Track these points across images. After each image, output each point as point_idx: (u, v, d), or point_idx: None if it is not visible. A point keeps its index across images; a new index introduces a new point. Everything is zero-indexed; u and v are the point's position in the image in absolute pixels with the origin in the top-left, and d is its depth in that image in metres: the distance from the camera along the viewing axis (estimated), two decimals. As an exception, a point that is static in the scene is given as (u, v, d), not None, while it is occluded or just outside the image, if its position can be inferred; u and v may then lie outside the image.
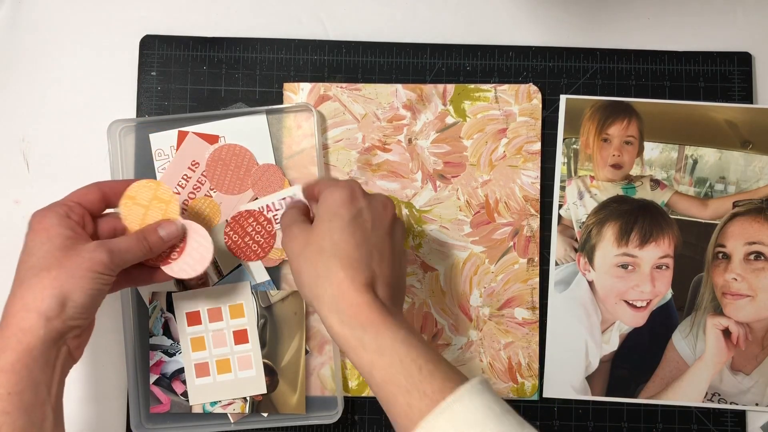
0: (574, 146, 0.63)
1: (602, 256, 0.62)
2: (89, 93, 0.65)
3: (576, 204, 0.63)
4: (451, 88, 0.63)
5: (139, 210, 0.54)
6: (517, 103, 0.63)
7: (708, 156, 0.63)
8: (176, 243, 0.54)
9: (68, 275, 0.47)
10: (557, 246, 0.62)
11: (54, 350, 0.47)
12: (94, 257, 0.48)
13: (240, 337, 0.61)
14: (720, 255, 0.62)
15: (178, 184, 0.62)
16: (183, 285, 0.61)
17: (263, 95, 0.64)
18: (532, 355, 0.62)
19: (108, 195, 0.53)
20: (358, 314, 0.46)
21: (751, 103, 0.64)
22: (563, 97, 0.63)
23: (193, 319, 0.61)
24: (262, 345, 0.61)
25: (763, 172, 0.62)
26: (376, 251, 0.48)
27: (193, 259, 0.54)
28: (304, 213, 0.54)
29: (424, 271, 0.62)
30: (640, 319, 0.62)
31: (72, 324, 0.47)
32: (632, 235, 0.62)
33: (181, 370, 0.61)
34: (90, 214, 0.52)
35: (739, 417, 0.61)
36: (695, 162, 0.63)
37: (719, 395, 0.61)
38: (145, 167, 0.62)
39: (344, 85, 0.63)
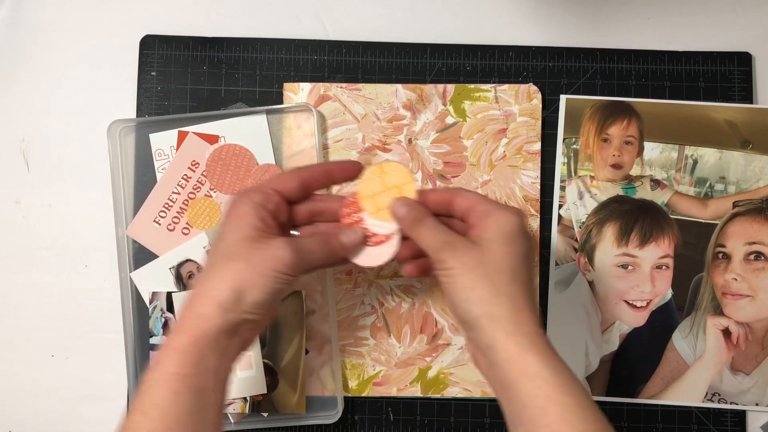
0: (574, 146, 0.63)
1: (602, 256, 0.62)
2: (89, 93, 0.65)
3: (576, 204, 0.63)
4: (451, 88, 0.63)
5: (378, 185, 0.52)
6: (517, 103, 0.63)
7: (708, 156, 0.63)
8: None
9: (251, 270, 0.46)
10: (557, 246, 0.62)
11: (227, 339, 0.46)
12: (278, 255, 0.46)
13: (240, 337, 0.61)
14: (720, 255, 0.62)
15: (178, 184, 0.62)
16: (183, 285, 0.61)
17: (263, 95, 0.64)
18: (532, 355, 0.61)
19: (307, 182, 0.51)
20: (537, 344, 0.44)
21: (751, 103, 0.64)
22: (563, 97, 0.63)
23: (193, 319, 0.61)
24: (262, 345, 0.61)
25: (763, 172, 0.62)
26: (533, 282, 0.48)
27: (379, 250, 0.52)
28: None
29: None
30: (640, 319, 0.62)
31: (247, 318, 0.46)
32: (632, 235, 0.62)
33: (181, 370, 0.61)
34: (287, 201, 0.50)
35: (739, 417, 0.61)
36: (695, 162, 0.63)
37: (719, 395, 0.61)
38: (145, 167, 0.62)
39: (344, 85, 0.63)
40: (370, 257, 0.51)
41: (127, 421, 0.43)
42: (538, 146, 0.63)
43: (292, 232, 0.52)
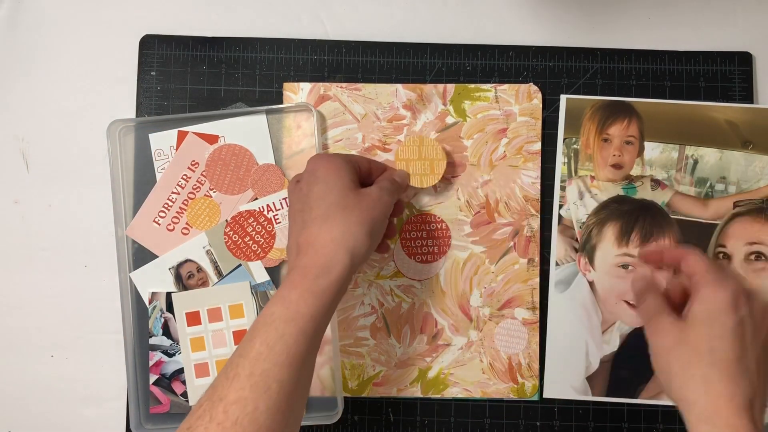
0: (575, 146, 0.63)
1: (603, 256, 0.62)
2: (89, 93, 0.65)
3: (576, 204, 0.62)
4: (451, 88, 0.63)
5: (414, 152, 0.61)
6: (518, 103, 0.63)
7: (708, 156, 0.63)
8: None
9: (370, 216, 0.51)
10: (557, 246, 0.62)
11: (346, 284, 0.50)
12: (383, 200, 0.53)
13: (240, 337, 0.61)
14: (720, 255, 0.62)
15: (177, 184, 0.62)
16: (183, 285, 0.61)
17: (263, 95, 0.64)
18: (532, 355, 0.61)
19: (372, 168, 0.57)
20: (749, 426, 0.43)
21: (752, 103, 0.63)
22: (563, 97, 0.63)
23: (193, 319, 0.61)
24: (262, 345, 0.61)
25: (764, 172, 0.62)
26: (755, 365, 0.45)
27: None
28: (666, 299, 0.51)
29: (424, 271, 0.62)
30: (640, 319, 0.61)
31: (362, 261, 0.51)
32: (633, 235, 0.62)
33: (181, 371, 0.61)
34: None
35: (740, 417, 0.61)
36: (696, 162, 0.63)
37: (720, 395, 0.61)
38: (144, 167, 0.62)
39: (344, 85, 0.63)
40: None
41: (249, 349, 0.45)
42: (538, 146, 0.63)
43: None
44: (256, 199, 0.62)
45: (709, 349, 0.45)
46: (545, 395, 0.61)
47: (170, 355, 0.61)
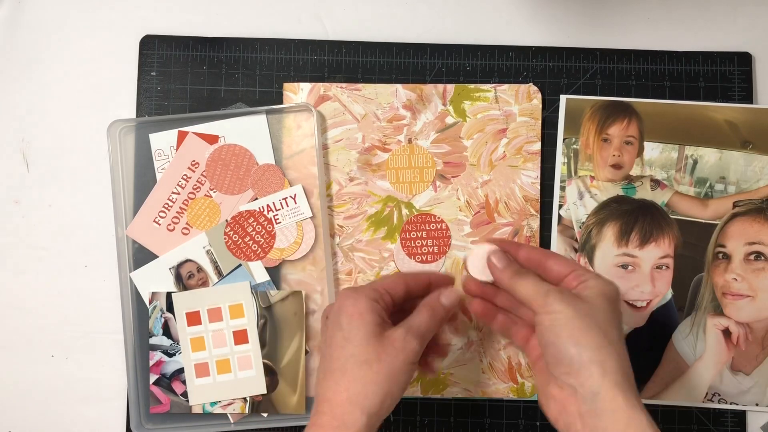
0: (574, 146, 0.63)
1: (602, 256, 0.62)
2: (89, 93, 0.65)
3: (576, 204, 0.62)
4: (451, 88, 0.63)
5: (404, 161, 0.61)
6: (517, 103, 0.63)
7: (708, 156, 0.63)
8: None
9: (389, 371, 0.47)
10: (557, 246, 0.62)
11: None
12: (407, 348, 0.48)
13: (240, 337, 0.61)
14: (720, 255, 0.62)
15: (177, 184, 0.62)
16: (183, 285, 0.61)
17: (263, 95, 0.64)
18: (532, 355, 0.62)
19: (411, 288, 0.53)
20: (640, 402, 0.45)
21: (751, 103, 0.64)
22: (563, 97, 0.63)
23: (193, 319, 0.61)
24: (262, 345, 0.61)
25: (763, 172, 0.62)
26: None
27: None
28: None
29: (424, 271, 0.62)
30: (640, 319, 0.62)
31: (382, 418, 0.48)
32: (632, 236, 0.62)
33: (181, 370, 0.61)
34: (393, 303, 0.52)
35: (739, 417, 0.61)
36: (695, 162, 0.63)
37: (719, 395, 0.61)
38: (145, 167, 0.62)
39: (344, 85, 0.63)
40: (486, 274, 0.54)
41: None
42: (538, 146, 0.63)
43: None
44: (256, 199, 0.62)
45: (617, 326, 0.47)
46: (545, 395, 0.61)
47: (170, 355, 0.61)
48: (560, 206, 0.63)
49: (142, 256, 0.62)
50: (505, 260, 0.53)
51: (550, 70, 0.64)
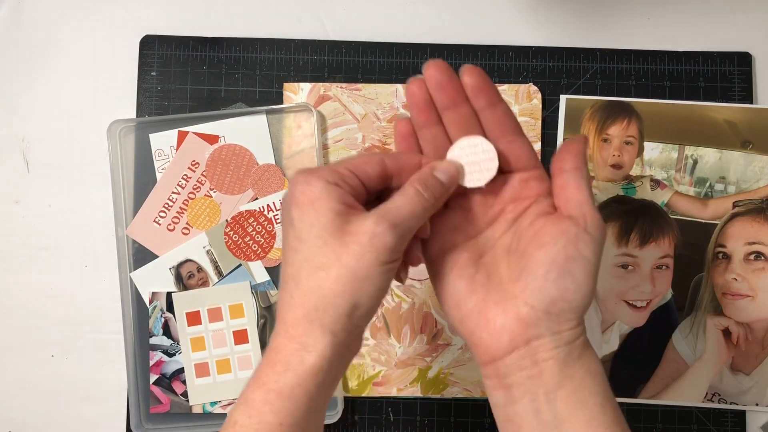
0: (574, 146, 0.63)
1: (602, 256, 0.62)
2: (89, 93, 0.65)
3: (576, 204, 0.62)
4: (451, 88, 0.63)
5: None
6: (517, 103, 0.63)
7: (708, 156, 0.63)
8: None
9: (353, 275, 0.36)
10: (557, 246, 0.62)
11: (337, 366, 0.38)
12: (378, 242, 0.36)
13: (240, 337, 0.61)
14: (720, 255, 0.62)
15: (178, 184, 0.62)
16: (183, 285, 0.61)
17: (263, 95, 0.64)
18: (532, 355, 0.61)
19: (391, 171, 0.40)
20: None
21: (751, 103, 0.64)
22: (563, 97, 0.63)
23: (193, 319, 0.61)
24: (262, 345, 0.61)
25: (763, 172, 0.62)
26: None
27: (479, 168, 0.41)
28: None
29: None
30: (640, 319, 0.62)
31: (359, 331, 0.39)
32: (632, 235, 0.62)
33: (181, 370, 0.61)
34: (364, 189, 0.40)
35: (739, 417, 0.61)
36: (695, 162, 0.63)
37: (719, 395, 0.61)
38: (145, 167, 0.62)
39: (344, 85, 0.63)
40: (474, 178, 0.41)
41: None
42: (538, 146, 0.63)
43: None
44: (257, 199, 0.62)
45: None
46: (545, 395, 0.61)
47: (170, 355, 0.61)
48: (560, 206, 0.62)
49: (142, 256, 0.62)
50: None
51: (550, 70, 0.64)
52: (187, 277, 0.61)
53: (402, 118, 0.42)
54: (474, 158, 0.41)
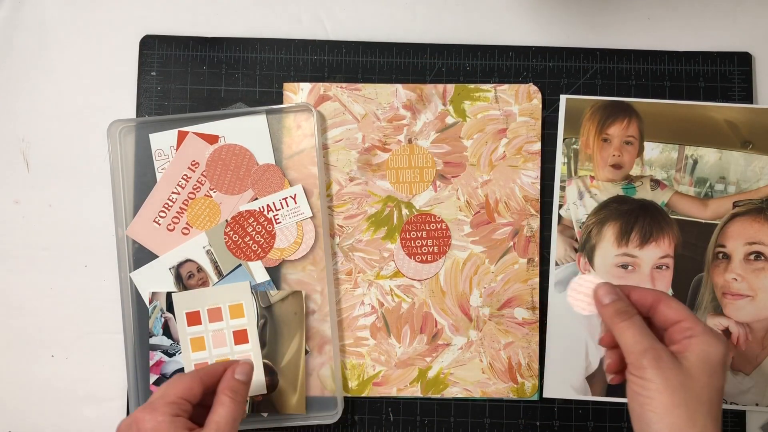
0: (574, 146, 0.63)
1: (602, 256, 0.62)
2: (89, 93, 0.65)
3: (576, 204, 0.62)
4: (451, 88, 0.63)
5: (404, 161, 0.62)
6: (517, 103, 0.63)
7: (708, 156, 0.63)
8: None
9: None
10: (557, 246, 0.62)
11: None
12: None
13: (240, 337, 0.61)
14: (720, 255, 0.62)
15: (177, 184, 0.62)
16: (183, 285, 0.61)
17: (263, 95, 0.64)
18: (532, 355, 0.62)
19: (208, 384, 0.52)
20: None
21: (751, 103, 0.64)
22: (563, 97, 0.63)
23: (193, 319, 0.61)
24: (262, 345, 0.61)
25: (763, 172, 0.62)
26: None
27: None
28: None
29: (424, 271, 0.62)
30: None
31: None
32: (632, 235, 0.62)
33: (181, 370, 0.61)
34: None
35: (739, 417, 0.61)
36: (695, 162, 0.63)
37: (719, 395, 0.61)
38: (145, 167, 0.62)
39: (344, 85, 0.63)
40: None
41: None
42: (538, 146, 0.63)
43: None
44: (256, 199, 0.62)
45: (708, 401, 0.44)
46: (545, 395, 0.61)
47: (170, 355, 0.61)
48: (560, 206, 0.63)
49: (142, 256, 0.62)
50: (613, 295, 0.49)
51: (550, 70, 0.64)
52: (187, 277, 0.61)
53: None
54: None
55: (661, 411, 0.43)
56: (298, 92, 0.63)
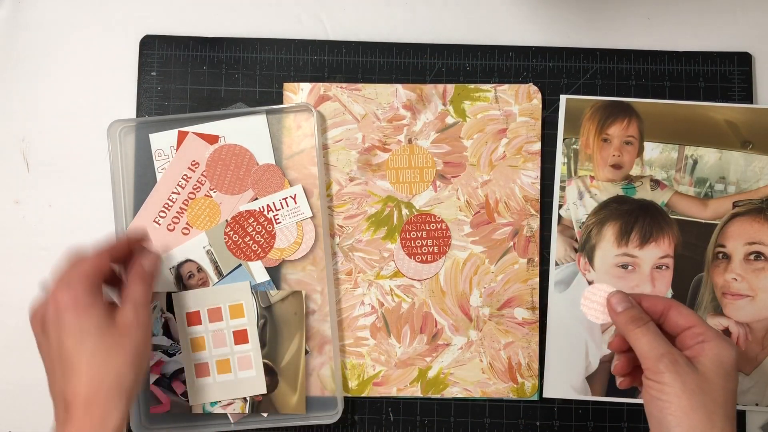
0: (574, 146, 0.63)
1: (602, 256, 0.62)
2: (89, 93, 0.65)
3: (576, 204, 0.63)
4: (451, 88, 0.63)
5: (404, 161, 0.62)
6: (517, 103, 0.63)
7: (708, 156, 0.63)
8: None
9: (135, 351, 0.50)
10: (557, 246, 0.62)
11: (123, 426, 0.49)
12: (142, 321, 0.51)
13: (240, 337, 0.61)
14: (720, 255, 0.62)
15: (177, 184, 0.62)
16: (183, 285, 0.61)
17: (263, 95, 0.64)
18: (532, 355, 0.62)
19: (114, 257, 0.54)
20: None
21: (751, 103, 0.64)
22: (563, 97, 0.63)
23: (193, 319, 0.61)
24: (262, 345, 0.61)
25: (763, 172, 0.62)
26: None
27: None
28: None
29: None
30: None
31: (136, 395, 0.52)
32: (632, 235, 0.62)
33: (181, 370, 0.61)
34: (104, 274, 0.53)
35: (739, 417, 0.61)
36: (695, 162, 0.63)
37: (719, 395, 0.61)
38: (145, 167, 0.62)
39: (344, 85, 0.63)
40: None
41: None
42: (538, 146, 0.63)
43: None
44: (256, 199, 0.62)
45: (726, 403, 0.45)
46: (545, 395, 0.61)
47: (170, 355, 0.61)
48: (560, 206, 0.63)
49: (142, 256, 0.62)
50: (627, 303, 0.50)
51: (550, 70, 0.64)
52: (187, 277, 0.61)
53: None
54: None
55: (680, 414, 0.44)
56: (298, 92, 0.63)
